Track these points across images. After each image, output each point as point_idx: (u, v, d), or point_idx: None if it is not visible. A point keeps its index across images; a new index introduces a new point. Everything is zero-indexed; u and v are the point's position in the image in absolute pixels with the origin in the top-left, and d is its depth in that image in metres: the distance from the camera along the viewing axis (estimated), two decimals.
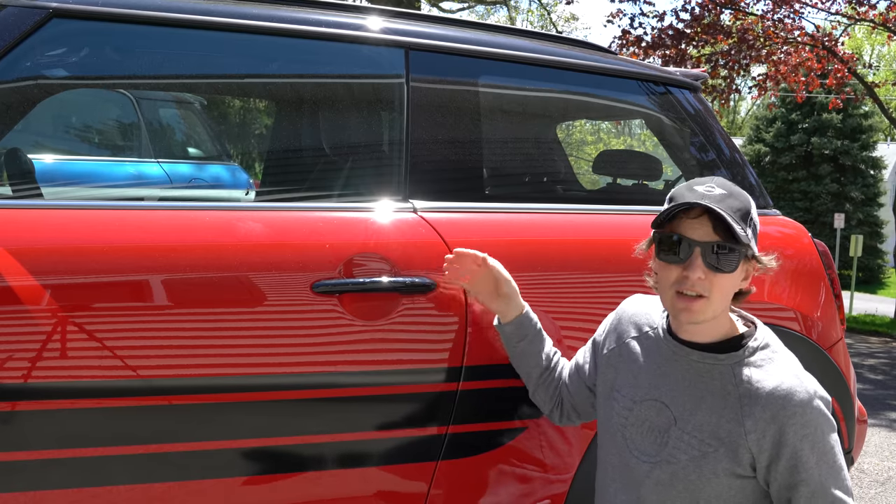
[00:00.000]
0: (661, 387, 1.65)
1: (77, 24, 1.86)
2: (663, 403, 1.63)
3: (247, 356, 1.78)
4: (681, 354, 1.64)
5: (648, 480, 1.62)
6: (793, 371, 1.58)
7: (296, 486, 1.85)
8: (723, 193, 1.57)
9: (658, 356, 1.68)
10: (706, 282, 1.54)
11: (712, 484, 1.56)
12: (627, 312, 1.80)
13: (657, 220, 1.60)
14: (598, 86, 2.50)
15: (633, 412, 1.67)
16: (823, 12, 14.39)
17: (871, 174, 23.75)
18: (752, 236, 1.58)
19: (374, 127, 2.25)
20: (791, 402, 1.52)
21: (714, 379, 1.60)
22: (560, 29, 25.55)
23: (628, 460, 1.66)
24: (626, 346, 1.74)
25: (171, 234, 1.79)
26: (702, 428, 1.58)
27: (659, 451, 1.61)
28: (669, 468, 1.59)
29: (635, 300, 1.83)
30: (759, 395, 1.54)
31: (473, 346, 1.96)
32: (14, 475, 1.64)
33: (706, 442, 1.57)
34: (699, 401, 1.60)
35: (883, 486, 4.46)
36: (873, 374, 8.77)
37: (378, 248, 1.92)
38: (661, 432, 1.62)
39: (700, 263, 1.54)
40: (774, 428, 1.52)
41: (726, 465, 1.55)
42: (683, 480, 1.58)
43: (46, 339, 1.63)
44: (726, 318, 1.64)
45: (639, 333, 1.74)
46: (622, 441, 1.68)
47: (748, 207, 1.59)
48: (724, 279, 1.55)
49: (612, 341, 1.79)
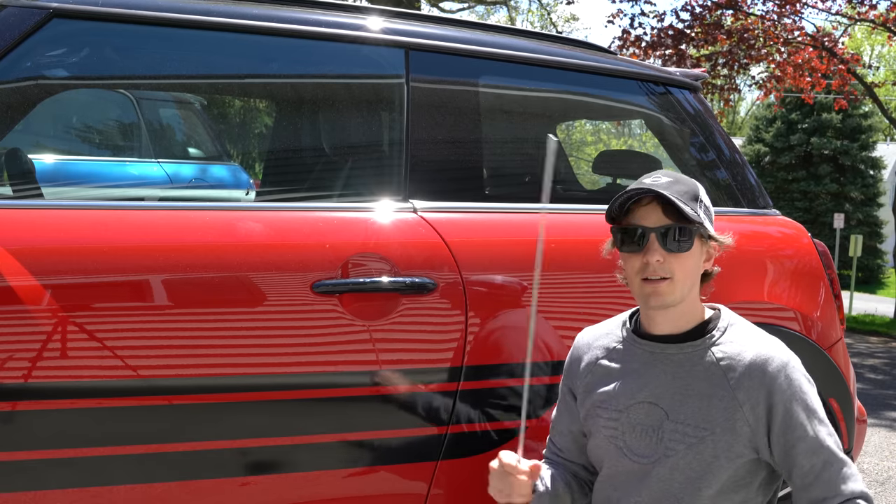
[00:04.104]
0: (644, 389, 1.67)
1: (77, 25, 1.86)
2: (651, 403, 1.65)
3: (247, 356, 1.78)
4: (657, 352, 1.68)
5: (649, 479, 1.63)
6: (765, 339, 1.66)
7: (296, 486, 1.85)
8: (669, 181, 1.64)
9: (634, 362, 1.71)
10: (666, 264, 1.61)
11: (712, 468, 1.59)
12: (583, 343, 1.82)
13: (611, 216, 1.67)
14: (598, 86, 2.50)
15: (620, 421, 1.68)
16: (824, 13, 14.39)
17: (870, 174, 23.74)
18: (703, 216, 1.64)
19: (375, 127, 2.25)
20: (773, 366, 1.59)
21: (695, 365, 1.64)
22: (560, 29, 25.54)
23: (628, 467, 1.67)
24: (598, 367, 1.75)
25: (171, 234, 1.79)
26: (694, 415, 1.61)
27: (656, 448, 1.63)
28: (669, 462, 1.61)
29: (586, 332, 1.85)
30: (742, 366, 1.60)
31: (473, 346, 1.97)
32: (14, 475, 1.64)
33: (701, 427, 1.60)
34: (686, 390, 1.63)
35: (883, 486, 4.46)
36: (873, 374, 8.78)
37: (378, 248, 1.92)
38: (655, 430, 1.64)
39: (657, 247, 1.61)
40: (764, 393, 1.58)
41: (724, 446, 1.59)
42: (684, 470, 1.60)
43: (46, 339, 1.64)
44: (696, 304, 1.69)
45: (606, 352, 1.76)
46: (616, 451, 1.68)
47: (696, 191, 1.66)
48: (682, 259, 1.62)
49: (581, 373, 1.78)
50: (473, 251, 2.02)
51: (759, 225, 2.53)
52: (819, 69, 11.90)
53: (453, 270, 1.97)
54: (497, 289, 2.02)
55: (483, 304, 1.99)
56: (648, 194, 1.62)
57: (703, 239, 1.66)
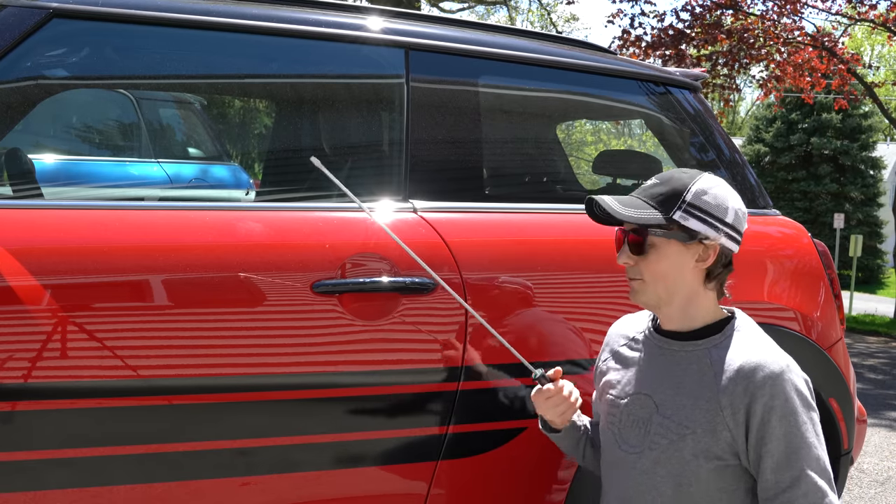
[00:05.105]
0: (644, 381, 1.71)
1: (77, 25, 1.86)
2: (646, 395, 1.69)
3: (247, 356, 1.78)
4: (664, 347, 1.71)
5: (634, 471, 1.67)
6: (765, 348, 1.62)
7: (296, 486, 1.85)
8: (653, 183, 1.67)
9: (645, 354, 1.74)
10: (636, 266, 1.67)
11: (692, 467, 1.60)
12: (615, 330, 1.88)
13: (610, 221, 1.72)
14: (598, 86, 2.50)
15: (619, 408, 1.72)
16: (824, 13, 14.39)
17: (870, 174, 23.73)
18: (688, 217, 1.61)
19: (374, 127, 2.25)
20: (759, 374, 1.56)
21: (691, 363, 1.65)
22: (560, 29, 25.55)
23: (620, 456, 1.71)
24: (617, 354, 1.81)
25: (171, 234, 1.79)
26: (680, 411, 1.63)
27: (643, 440, 1.66)
28: (652, 455, 1.64)
29: (622, 319, 1.90)
30: (731, 370, 1.60)
31: (473, 346, 1.97)
32: (14, 475, 1.64)
33: (683, 424, 1.61)
34: (678, 386, 1.65)
35: (883, 486, 4.46)
36: (873, 374, 8.78)
37: (378, 248, 1.92)
38: (645, 423, 1.67)
39: (625, 249, 1.68)
40: (747, 401, 1.56)
41: (703, 447, 1.59)
42: (665, 465, 1.62)
43: (46, 339, 1.64)
44: (702, 305, 1.68)
45: (626, 341, 1.81)
46: (612, 437, 1.73)
47: (679, 191, 1.63)
48: (649, 262, 1.65)
49: (605, 357, 1.85)
50: (473, 251, 2.02)
51: (759, 225, 2.53)
52: (819, 69, 11.90)
53: (453, 270, 1.97)
54: (497, 288, 2.02)
55: (483, 303, 1.99)
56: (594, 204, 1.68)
57: (688, 239, 1.62)
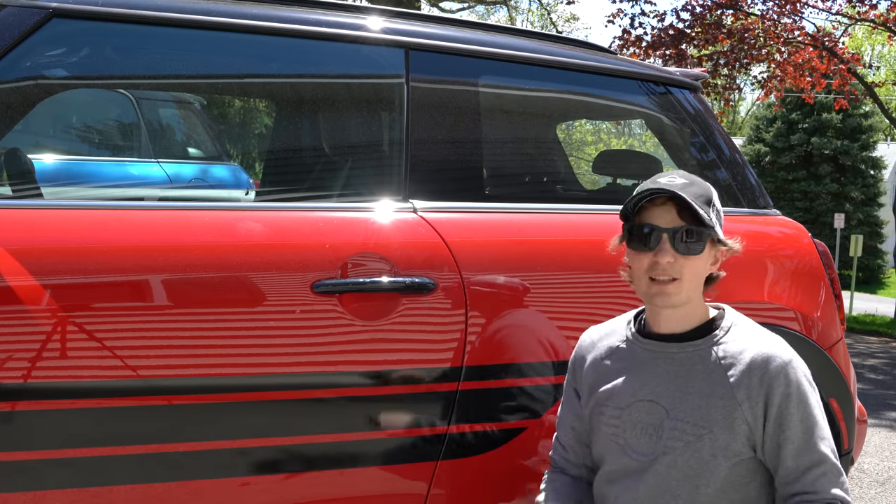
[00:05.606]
0: (645, 387, 1.68)
1: (77, 25, 1.86)
2: (652, 401, 1.66)
3: (247, 356, 1.78)
4: (659, 351, 1.69)
5: (647, 475, 1.64)
6: (768, 339, 1.66)
7: (296, 486, 1.85)
8: (685, 182, 1.65)
9: (636, 361, 1.71)
10: (676, 265, 1.62)
11: (710, 467, 1.60)
12: (588, 341, 1.83)
13: (625, 213, 1.68)
14: (598, 86, 2.50)
15: (621, 418, 1.69)
16: (824, 13, 14.40)
17: (871, 174, 23.74)
18: (715, 220, 1.66)
19: (374, 127, 2.25)
20: (772, 364, 1.60)
21: (696, 364, 1.65)
22: (560, 29, 25.54)
23: (627, 464, 1.68)
24: (601, 366, 1.76)
25: (171, 234, 1.79)
26: (693, 413, 1.62)
27: (655, 446, 1.64)
28: (667, 459, 1.62)
29: (591, 330, 1.85)
30: (743, 365, 1.61)
31: (473, 346, 1.97)
32: (14, 475, 1.64)
33: (699, 425, 1.61)
34: (686, 388, 1.64)
35: (883, 486, 4.46)
36: (873, 374, 8.77)
37: (378, 248, 1.92)
38: (656, 428, 1.65)
39: (669, 248, 1.62)
40: (763, 391, 1.59)
41: (722, 444, 1.59)
42: (682, 468, 1.61)
43: (46, 339, 1.63)
44: (701, 304, 1.70)
45: (610, 351, 1.77)
46: (617, 448, 1.69)
47: (710, 194, 1.68)
48: (693, 261, 1.63)
49: (586, 372, 1.79)
50: (473, 251, 2.02)
51: (760, 225, 2.53)
52: (819, 69, 11.90)
53: (453, 270, 1.97)
54: (497, 289, 2.02)
55: (483, 303, 1.99)
56: (664, 194, 1.62)
57: (714, 242, 1.67)
